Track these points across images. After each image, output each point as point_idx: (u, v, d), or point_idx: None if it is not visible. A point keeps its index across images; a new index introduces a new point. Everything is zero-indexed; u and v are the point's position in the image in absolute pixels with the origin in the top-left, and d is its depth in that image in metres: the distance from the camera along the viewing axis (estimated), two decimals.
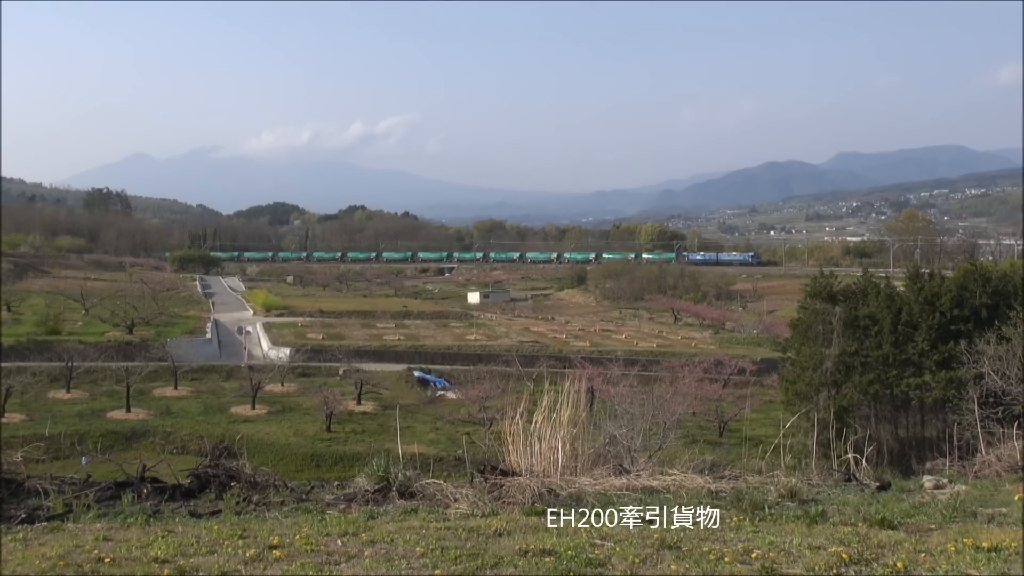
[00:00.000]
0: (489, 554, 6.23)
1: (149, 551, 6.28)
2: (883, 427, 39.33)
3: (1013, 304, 32.32)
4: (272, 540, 6.61)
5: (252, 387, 47.25)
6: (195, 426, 42.14)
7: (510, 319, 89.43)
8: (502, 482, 9.18)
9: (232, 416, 45.64)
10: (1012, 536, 7.00)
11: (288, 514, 8.29)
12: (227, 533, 6.91)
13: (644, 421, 21.10)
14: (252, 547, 6.37)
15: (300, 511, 8.47)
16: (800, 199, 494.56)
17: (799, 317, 43.23)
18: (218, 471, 9.82)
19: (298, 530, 7.09)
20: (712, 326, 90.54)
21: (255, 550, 6.28)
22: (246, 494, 9.22)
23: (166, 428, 42.01)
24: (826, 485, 10.96)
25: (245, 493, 9.25)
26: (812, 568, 6.00)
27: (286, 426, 43.84)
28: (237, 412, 46.37)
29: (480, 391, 45.14)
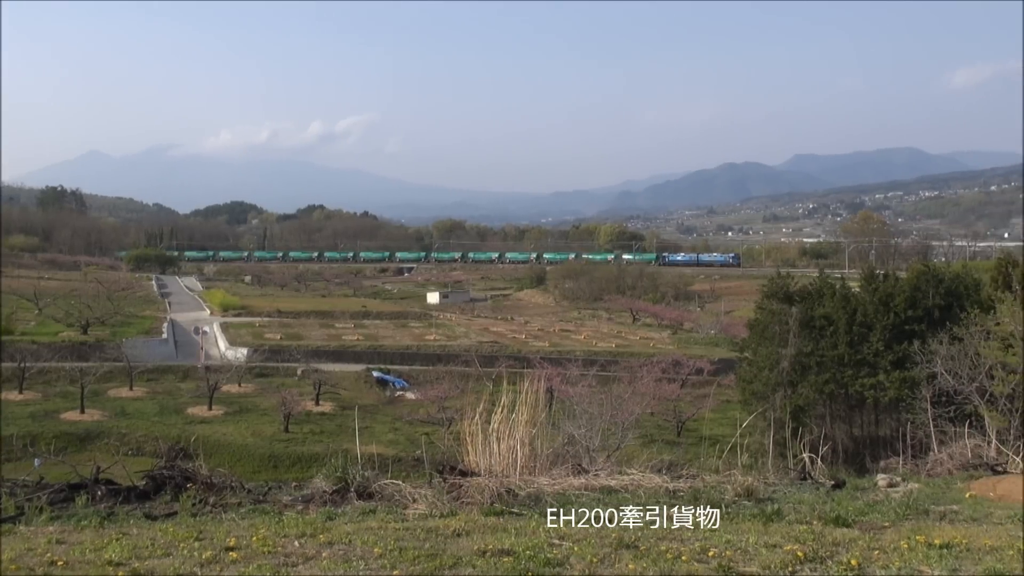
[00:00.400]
0: (447, 554, 6.23)
1: (103, 554, 6.21)
2: (838, 426, 39.75)
3: (965, 305, 32.78)
4: (228, 542, 6.56)
5: (209, 388, 46.83)
6: (151, 427, 41.65)
7: (469, 319, 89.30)
8: (461, 482, 9.19)
9: (188, 417, 45.17)
10: (963, 533, 7.11)
11: (245, 515, 8.24)
12: (183, 535, 6.86)
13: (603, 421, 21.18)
14: (208, 549, 6.32)
15: (257, 512, 8.42)
16: (757, 200, 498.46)
17: (756, 317, 43.59)
18: (174, 472, 9.74)
19: (255, 532, 7.04)
20: (670, 326, 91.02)
21: (211, 552, 6.23)
22: (202, 496, 9.15)
23: (121, 429, 41.46)
24: (782, 484, 11.07)
25: (201, 495, 9.18)
26: (768, 566, 6.06)
27: (243, 427, 43.45)
28: (194, 413, 45.91)
29: (439, 391, 45.05)
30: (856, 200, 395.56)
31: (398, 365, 60.97)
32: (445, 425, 37.67)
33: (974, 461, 14.42)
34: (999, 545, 6.64)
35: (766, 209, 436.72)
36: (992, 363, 22.49)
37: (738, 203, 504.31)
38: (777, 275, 45.80)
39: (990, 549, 6.52)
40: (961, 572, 5.91)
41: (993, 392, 21.29)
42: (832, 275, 51.00)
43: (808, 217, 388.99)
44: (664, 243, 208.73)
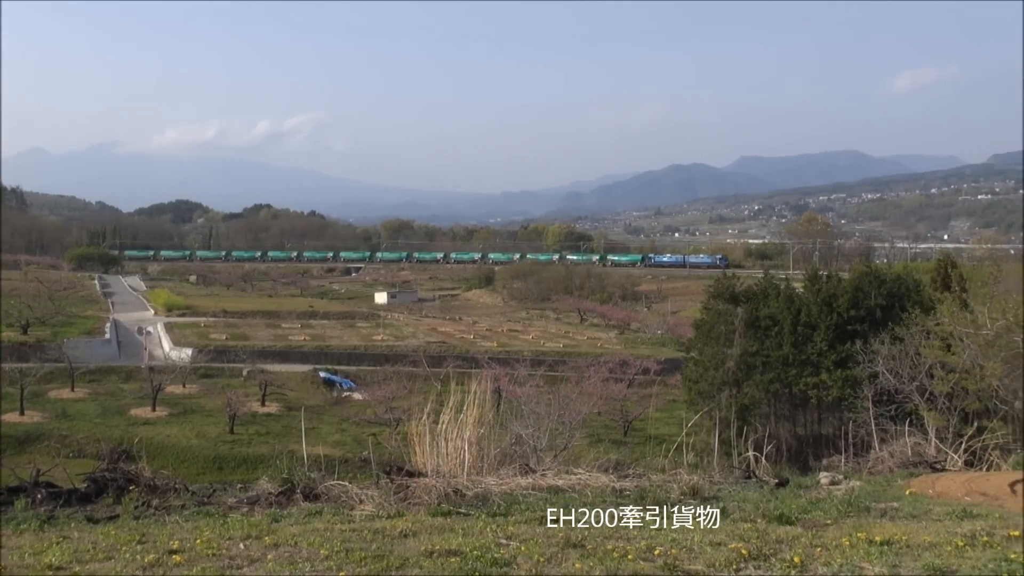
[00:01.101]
0: (395, 555, 6.21)
1: (43, 558, 6.12)
2: (782, 425, 40.20)
3: (906, 305, 33.29)
4: (172, 545, 6.49)
5: (152, 388, 46.27)
6: (92, 429, 41.01)
7: (417, 319, 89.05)
8: (408, 483, 9.18)
9: (131, 418, 44.53)
10: (903, 530, 7.24)
11: (189, 518, 8.16)
12: (125, 538, 6.77)
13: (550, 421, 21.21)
14: (151, 552, 6.25)
15: (201, 515, 8.34)
16: (704, 202, 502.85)
17: (702, 318, 43.93)
18: (116, 475, 9.62)
19: (199, 534, 6.98)
20: (617, 326, 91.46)
21: (154, 555, 6.16)
22: (145, 498, 9.05)
23: (62, 431, 40.79)
24: (727, 482, 11.17)
25: (144, 497, 9.07)
26: (713, 564, 6.12)
27: (188, 428, 42.98)
28: (137, 414, 45.29)
29: (387, 392, 44.87)
30: (800, 202, 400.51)
31: (345, 365, 60.63)
32: (392, 426, 37.54)
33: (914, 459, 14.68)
34: (938, 541, 6.77)
35: (712, 210, 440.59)
36: (932, 363, 22.86)
37: (685, 204, 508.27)
38: (723, 276, 46.26)
39: (929, 545, 6.64)
40: (901, 568, 6.01)
41: (933, 391, 21.64)
42: (777, 276, 51.60)
43: (754, 218, 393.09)
44: (612, 243, 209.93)
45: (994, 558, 6.12)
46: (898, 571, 5.93)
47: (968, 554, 6.35)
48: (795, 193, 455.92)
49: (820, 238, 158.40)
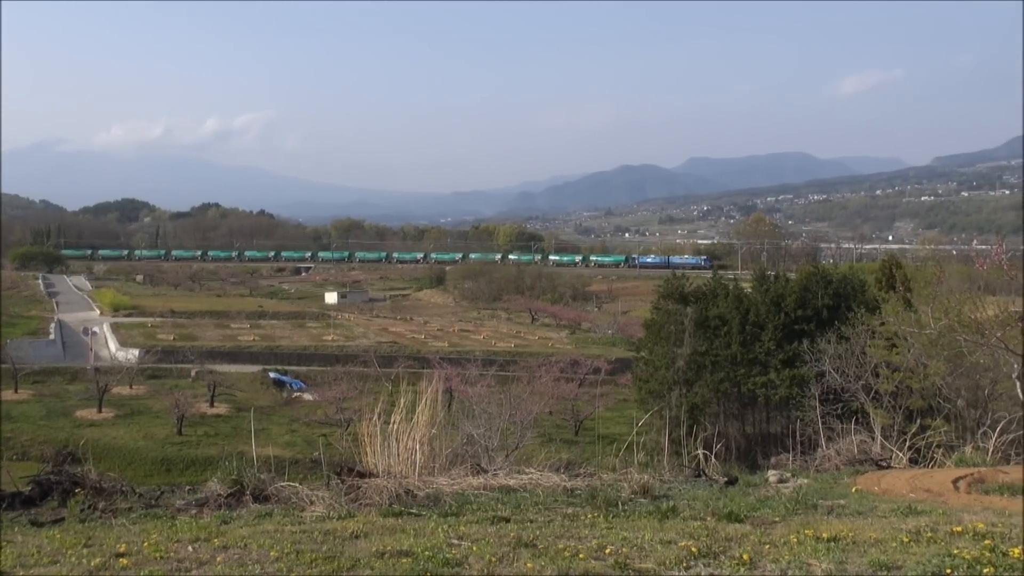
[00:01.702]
0: (345, 556, 6.18)
1: None
2: (731, 424, 40.56)
3: (852, 305, 33.71)
4: (119, 548, 6.41)
5: (99, 390, 45.71)
6: (37, 431, 40.44)
7: (368, 319, 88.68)
8: (359, 484, 9.15)
9: (77, 420, 43.96)
10: (849, 527, 7.34)
11: (136, 521, 8.06)
12: (70, 542, 6.68)
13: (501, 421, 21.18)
14: (97, 556, 6.17)
15: (149, 517, 8.25)
16: (653, 202, 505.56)
17: (652, 318, 44.21)
18: (61, 477, 9.50)
19: (147, 537, 6.89)
20: (568, 326, 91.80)
21: (100, 559, 6.07)
22: (91, 501, 8.94)
23: (5, 433, 40.06)
24: (677, 481, 11.26)
25: (90, 500, 8.96)
26: (663, 562, 6.15)
27: (135, 430, 42.52)
28: (82, 416, 44.70)
29: (337, 392, 44.68)
30: (748, 203, 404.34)
31: (295, 366, 60.31)
32: (343, 426, 37.35)
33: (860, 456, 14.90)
34: (883, 537, 6.87)
35: (662, 211, 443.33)
36: (877, 362, 23.19)
37: (635, 204, 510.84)
38: (673, 276, 46.59)
39: (875, 541, 6.74)
40: (847, 564, 6.09)
41: (878, 390, 21.96)
42: (725, 276, 52.07)
43: (702, 219, 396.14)
44: (563, 244, 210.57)
45: (938, 553, 6.22)
46: (845, 567, 6.01)
47: (913, 550, 6.45)
48: (743, 194, 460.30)
49: (768, 239, 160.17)
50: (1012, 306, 24.63)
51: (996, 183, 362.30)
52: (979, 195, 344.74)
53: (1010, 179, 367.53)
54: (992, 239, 77.56)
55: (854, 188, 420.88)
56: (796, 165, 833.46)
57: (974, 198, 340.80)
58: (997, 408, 18.62)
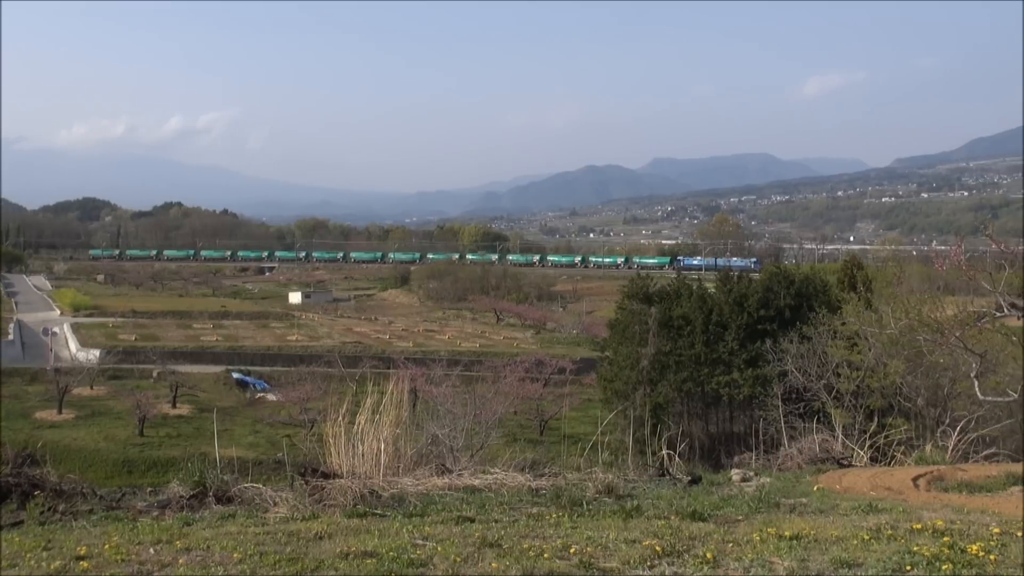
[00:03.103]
0: (309, 558, 6.15)
1: None
2: (695, 423, 40.71)
3: (814, 305, 33.95)
4: (79, 551, 6.34)
5: (59, 391, 45.25)
6: None
7: (332, 319, 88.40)
8: (323, 484, 9.11)
9: (36, 422, 43.45)
10: (811, 525, 7.41)
11: (97, 523, 7.98)
12: (30, 545, 6.60)
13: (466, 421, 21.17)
14: (57, 559, 6.10)
15: (110, 519, 8.18)
16: (618, 203, 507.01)
17: (617, 318, 44.31)
18: (20, 480, 9.38)
19: (108, 539, 6.83)
20: (533, 326, 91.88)
21: (60, 562, 6.01)
22: (51, 503, 8.84)
23: None
24: (641, 480, 11.32)
25: (50, 502, 8.87)
26: (627, 561, 6.18)
27: (95, 431, 42.13)
28: (42, 417, 44.21)
29: (301, 393, 44.45)
30: (712, 203, 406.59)
31: (259, 366, 59.99)
32: (307, 427, 37.23)
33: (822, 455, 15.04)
34: (844, 535, 6.94)
35: (626, 211, 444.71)
36: (838, 361, 23.42)
37: (599, 205, 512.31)
38: (637, 276, 46.76)
39: (836, 539, 6.81)
40: (809, 562, 6.14)
41: (839, 389, 22.18)
42: (689, 276, 52.33)
43: (667, 219, 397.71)
44: (527, 244, 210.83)
45: (898, 550, 6.29)
46: (807, 565, 6.06)
47: (873, 547, 6.52)
48: (707, 195, 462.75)
49: (731, 239, 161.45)
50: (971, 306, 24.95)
51: (955, 185, 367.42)
52: (938, 196, 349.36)
53: (969, 181, 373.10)
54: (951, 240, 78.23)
55: (816, 189, 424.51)
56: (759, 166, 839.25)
57: (934, 199, 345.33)
58: (956, 407, 18.89)
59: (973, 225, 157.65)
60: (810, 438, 16.34)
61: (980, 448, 16.16)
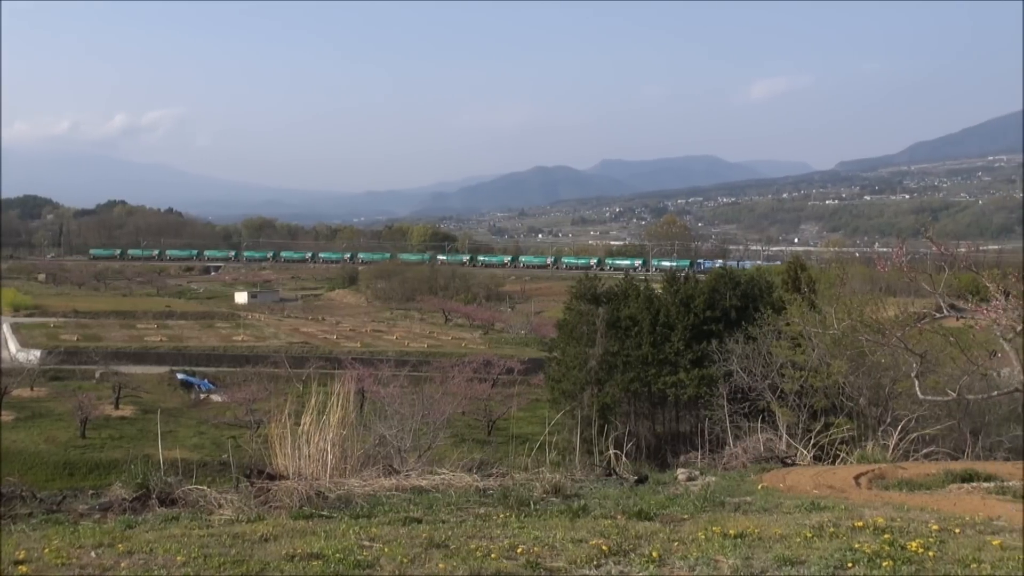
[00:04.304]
0: (254, 560, 6.10)
1: None
2: (642, 423, 40.97)
3: (759, 306, 34.30)
4: (18, 555, 6.23)
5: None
6: None
7: (279, 319, 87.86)
8: (269, 486, 9.05)
9: None
10: (756, 523, 7.50)
11: (37, 526, 7.85)
12: None
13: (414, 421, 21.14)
14: None
15: (50, 523, 8.05)
16: (567, 203, 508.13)
17: (565, 318, 44.45)
18: None
19: (47, 543, 6.72)
20: (482, 327, 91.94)
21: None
22: None
23: None
24: (589, 480, 11.37)
25: None
26: (574, 560, 6.21)
27: (36, 433, 41.56)
28: None
29: (247, 393, 44.15)
30: (660, 205, 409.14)
31: (204, 367, 59.49)
32: (253, 428, 36.93)
33: (766, 454, 15.22)
34: (788, 533, 7.04)
35: (575, 212, 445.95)
36: (783, 361, 23.68)
37: (548, 206, 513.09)
38: (585, 277, 46.93)
39: (780, 537, 6.90)
40: (753, 560, 6.22)
41: (783, 389, 22.44)
42: (637, 277, 52.64)
43: (615, 220, 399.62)
44: (476, 244, 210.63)
45: (840, 548, 6.39)
46: (751, 563, 6.13)
47: (816, 545, 6.62)
48: (654, 196, 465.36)
49: (678, 240, 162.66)
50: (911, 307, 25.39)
51: (897, 187, 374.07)
52: (881, 199, 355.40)
53: (910, 184, 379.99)
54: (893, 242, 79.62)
55: (762, 191, 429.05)
56: (706, 168, 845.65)
57: (876, 202, 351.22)
58: (897, 406, 19.16)
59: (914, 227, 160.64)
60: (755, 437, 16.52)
61: (920, 447, 16.42)
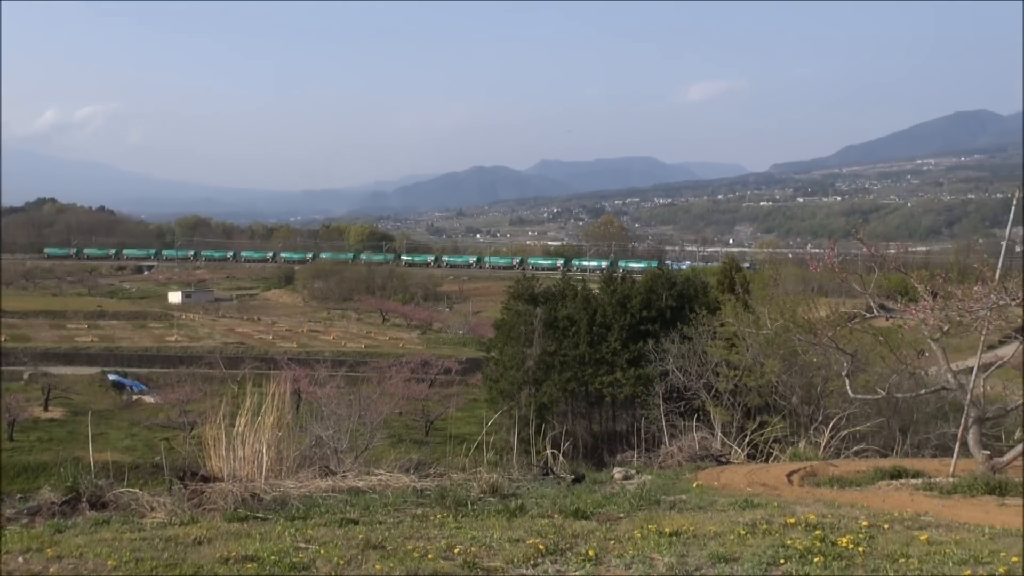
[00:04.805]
0: (188, 563, 6.03)
1: None
2: (579, 423, 41.12)
3: (694, 306, 34.63)
4: None
5: None
6: None
7: (214, 319, 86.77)
8: (203, 488, 8.95)
9: None
10: (690, 521, 7.59)
11: None
12: None
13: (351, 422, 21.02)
14: None
15: None
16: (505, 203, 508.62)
17: (503, 318, 44.49)
18: None
19: None
20: (420, 327, 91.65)
21: None
22: None
23: None
24: (526, 480, 11.41)
25: None
26: (511, 560, 6.23)
27: None
28: None
29: (181, 394, 43.56)
30: (597, 205, 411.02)
31: (136, 368, 58.63)
32: (187, 430, 36.46)
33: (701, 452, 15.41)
34: (722, 530, 7.14)
35: (513, 212, 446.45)
36: (717, 361, 23.93)
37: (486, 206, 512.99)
38: (523, 277, 47.01)
39: (714, 535, 6.99)
40: (688, 557, 6.30)
41: (718, 388, 22.69)
42: (574, 277, 52.82)
43: (552, 220, 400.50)
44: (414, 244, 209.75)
45: (772, 544, 6.50)
46: (685, 560, 6.21)
47: (749, 541, 6.72)
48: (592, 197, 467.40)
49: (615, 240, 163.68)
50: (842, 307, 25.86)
51: (829, 190, 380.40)
52: (813, 201, 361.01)
53: (841, 186, 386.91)
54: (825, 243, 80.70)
55: (698, 193, 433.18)
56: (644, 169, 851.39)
57: (809, 204, 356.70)
58: (828, 405, 19.50)
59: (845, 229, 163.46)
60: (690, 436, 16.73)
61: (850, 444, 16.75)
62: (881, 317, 15.95)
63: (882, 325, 19.57)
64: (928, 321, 12.63)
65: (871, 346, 18.08)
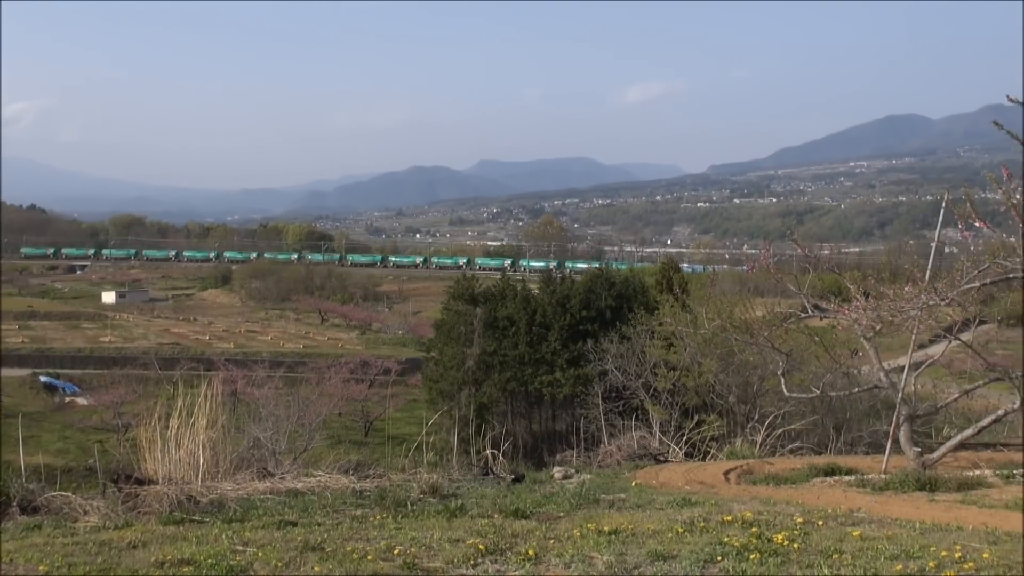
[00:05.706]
0: (122, 567, 5.95)
1: None
2: (519, 422, 41.20)
3: (633, 306, 34.86)
4: None
5: None
6: None
7: (149, 320, 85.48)
8: (137, 491, 8.83)
9: None
10: (629, 519, 7.65)
11: None
12: None
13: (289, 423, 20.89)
14: None
15: None
16: (445, 203, 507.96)
17: (442, 318, 44.43)
18: None
19: None
20: (359, 327, 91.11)
21: None
22: None
23: None
24: (466, 480, 11.41)
25: None
26: (451, 560, 6.24)
27: None
28: None
29: (114, 396, 42.89)
30: (537, 206, 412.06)
31: (69, 369, 57.55)
32: (121, 432, 35.87)
33: (640, 451, 15.54)
34: (660, 529, 7.21)
35: (452, 212, 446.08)
36: (656, 360, 24.09)
37: (426, 206, 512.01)
38: (463, 277, 46.96)
39: (653, 533, 7.06)
40: (627, 555, 6.35)
41: (657, 387, 22.84)
42: (514, 277, 52.90)
43: (492, 221, 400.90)
44: (353, 244, 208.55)
45: (710, 542, 6.58)
46: (624, 559, 6.26)
47: (687, 539, 6.80)
48: (531, 197, 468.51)
49: (555, 240, 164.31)
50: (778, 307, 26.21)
51: (765, 191, 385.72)
52: (749, 202, 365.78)
53: (777, 188, 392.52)
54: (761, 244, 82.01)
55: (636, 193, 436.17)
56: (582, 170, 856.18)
57: (745, 205, 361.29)
58: (765, 403, 19.75)
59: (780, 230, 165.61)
60: (629, 435, 16.86)
61: (786, 442, 16.99)
62: (815, 317, 16.19)
63: (817, 325, 19.85)
64: (861, 321, 12.87)
65: (806, 345, 18.34)
